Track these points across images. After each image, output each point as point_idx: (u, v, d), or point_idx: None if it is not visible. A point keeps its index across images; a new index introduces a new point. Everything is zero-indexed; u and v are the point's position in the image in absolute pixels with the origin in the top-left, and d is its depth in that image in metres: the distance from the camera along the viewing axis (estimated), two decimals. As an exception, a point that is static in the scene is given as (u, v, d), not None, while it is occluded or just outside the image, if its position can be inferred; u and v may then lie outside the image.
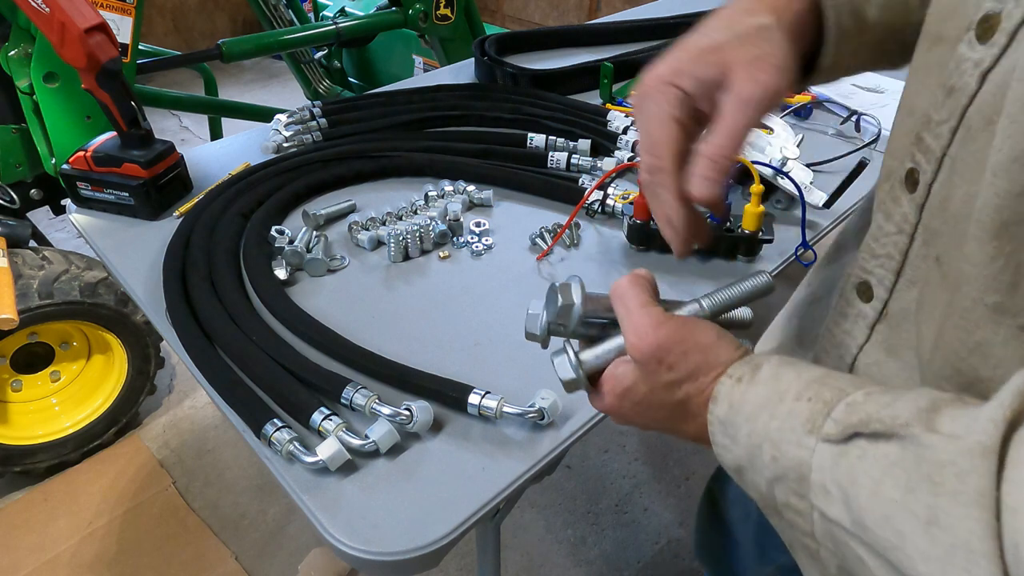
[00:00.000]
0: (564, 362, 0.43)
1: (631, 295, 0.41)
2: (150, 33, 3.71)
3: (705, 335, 0.39)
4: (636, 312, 0.40)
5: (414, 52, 2.61)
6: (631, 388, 0.41)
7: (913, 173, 0.38)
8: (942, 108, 0.35)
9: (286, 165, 0.96)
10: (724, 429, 0.37)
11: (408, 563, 0.52)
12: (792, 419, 0.34)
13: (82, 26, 0.80)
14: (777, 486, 0.34)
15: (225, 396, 0.63)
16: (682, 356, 0.39)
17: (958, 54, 0.34)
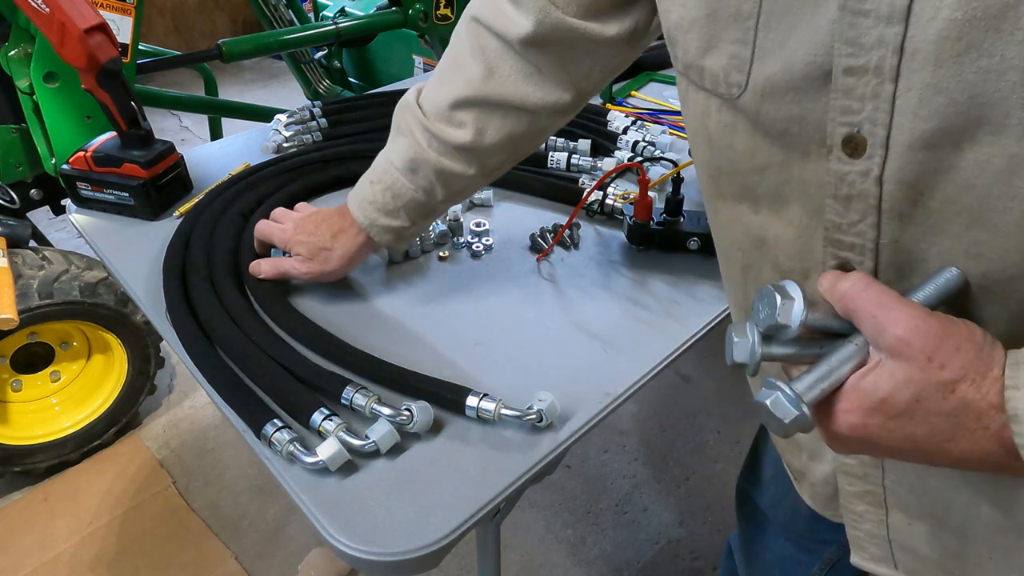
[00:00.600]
0: (781, 401, 0.35)
1: (879, 290, 0.36)
2: (150, 33, 3.71)
3: (974, 330, 0.34)
4: (895, 305, 0.34)
5: (414, 52, 2.61)
6: (887, 399, 0.34)
7: (846, 266, 0.41)
8: (848, 212, 0.38)
9: (286, 165, 0.96)
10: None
11: (408, 563, 0.52)
12: None
13: (82, 26, 0.80)
14: None
15: (225, 396, 0.63)
16: (955, 352, 0.33)
17: (834, 170, 0.38)
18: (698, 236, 0.80)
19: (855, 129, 0.36)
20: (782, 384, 0.36)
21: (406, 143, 0.68)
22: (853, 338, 0.36)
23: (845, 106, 0.36)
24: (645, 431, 1.75)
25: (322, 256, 0.72)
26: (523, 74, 0.62)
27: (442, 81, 0.66)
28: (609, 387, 0.65)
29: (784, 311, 0.36)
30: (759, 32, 0.39)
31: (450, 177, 0.67)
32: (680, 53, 0.45)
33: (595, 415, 0.63)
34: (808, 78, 0.37)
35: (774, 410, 0.35)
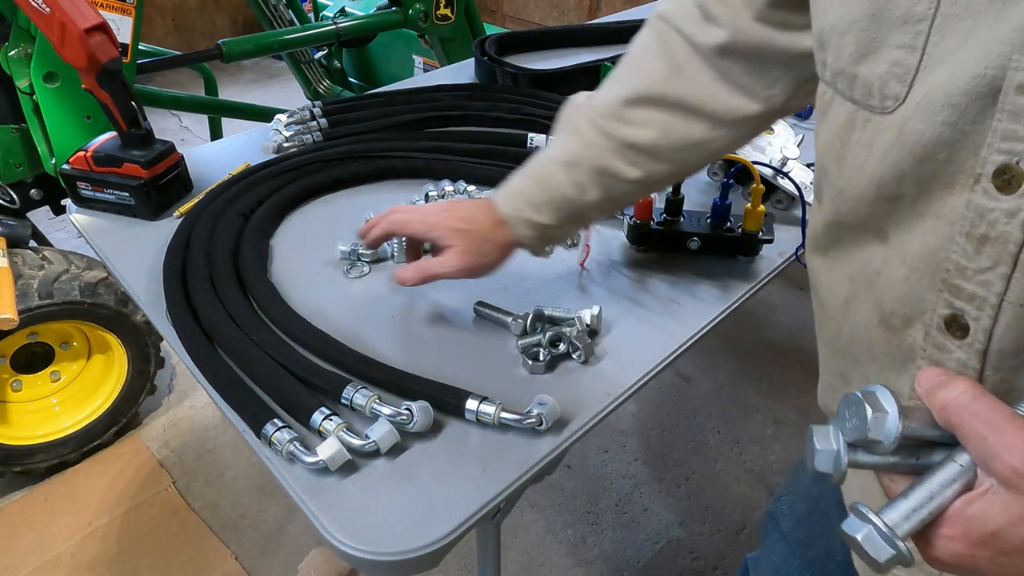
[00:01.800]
0: (874, 537, 0.31)
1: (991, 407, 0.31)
2: (150, 33, 3.71)
3: None
4: (1008, 428, 0.30)
5: (414, 52, 2.61)
6: (999, 533, 0.30)
7: (957, 319, 0.37)
8: (979, 256, 0.34)
9: (286, 165, 0.96)
10: None
11: (408, 563, 0.52)
12: None
13: (82, 26, 0.80)
14: None
15: (225, 396, 0.63)
16: None
17: (976, 204, 0.34)
18: (698, 236, 0.80)
19: (1014, 160, 0.32)
20: (874, 517, 0.32)
21: (570, 140, 0.63)
22: (956, 455, 0.32)
23: (1008, 131, 0.32)
24: (645, 431, 1.75)
25: (482, 248, 0.65)
26: (710, 77, 0.57)
27: (618, 81, 0.63)
28: (609, 387, 0.65)
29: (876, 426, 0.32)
30: (931, 37, 0.34)
31: (610, 178, 0.62)
32: (831, 58, 0.41)
33: (595, 415, 0.63)
34: (971, 94, 0.33)
35: (867, 547, 0.32)
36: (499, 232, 0.66)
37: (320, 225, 0.89)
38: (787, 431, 1.75)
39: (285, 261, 0.82)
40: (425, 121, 1.09)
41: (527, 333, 0.69)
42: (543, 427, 0.59)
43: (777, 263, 0.83)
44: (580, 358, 0.67)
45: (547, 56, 1.43)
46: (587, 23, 1.62)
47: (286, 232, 0.88)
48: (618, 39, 1.49)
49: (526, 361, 0.66)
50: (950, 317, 0.37)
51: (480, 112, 1.11)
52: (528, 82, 1.22)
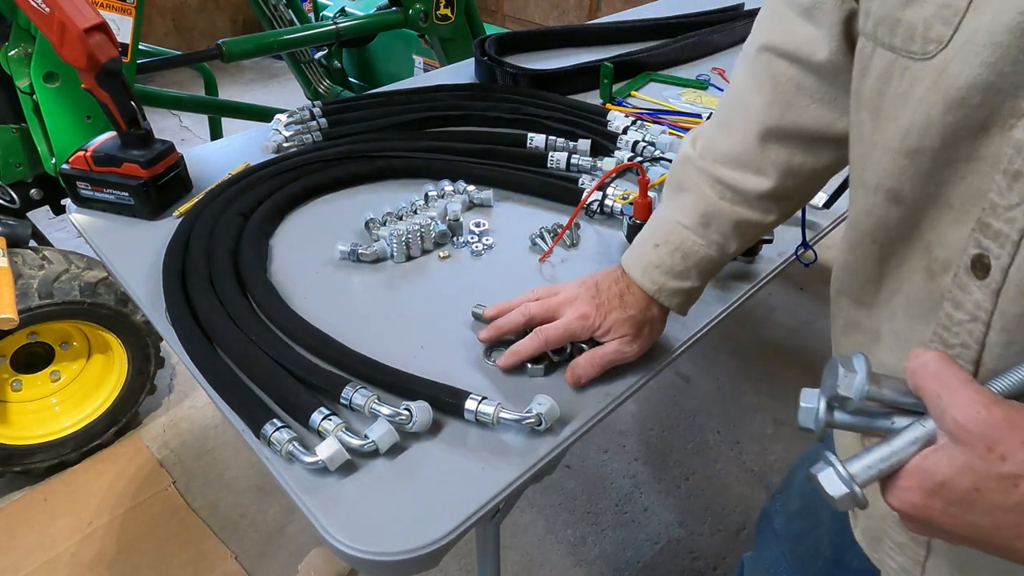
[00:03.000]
0: (832, 478, 0.36)
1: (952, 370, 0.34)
2: (150, 33, 3.71)
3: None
4: (960, 388, 0.33)
5: (414, 52, 2.61)
6: (946, 483, 0.33)
7: (982, 259, 0.37)
8: (1009, 192, 0.35)
9: (286, 165, 0.96)
10: None
11: (408, 563, 0.52)
12: None
13: (82, 26, 0.80)
14: None
15: (225, 396, 0.63)
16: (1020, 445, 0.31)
17: (1016, 140, 0.34)
18: None
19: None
20: (836, 462, 0.36)
21: (692, 199, 0.61)
22: (923, 420, 0.35)
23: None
24: (645, 431, 1.75)
25: (650, 330, 0.65)
26: (826, 100, 0.54)
27: (726, 127, 0.60)
28: (609, 387, 0.65)
29: (846, 384, 0.36)
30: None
31: (747, 227, 0.61)
32: (876, 5, 0.41)
33: (595, 415, 0.62)
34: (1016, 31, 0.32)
35: (825, 485, 0.36)
36: (652, 308, 0.64)
37: (320, 225, 0.89)
38: (787, 431, 1.75)
39: (285, 261, 0.82)
40: (425, 121, 1.09)
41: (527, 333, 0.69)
42: (542, 427, 0.59)
43: (777, 263, 0.83)
44: None
45: (547, 56, 1.43)
46: (587, 23, 1.62)
47: (286, 232, 0.88)
48: (618, 39, 1.49)
49: (526, 364, 0.66)
50: (976, 257, 0.37)
51: (480, 112, 1.11)
52: (528, 82, 1.22)
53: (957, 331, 0.40)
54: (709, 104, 1.22)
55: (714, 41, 1.45)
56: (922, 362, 0.35)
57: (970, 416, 0.32)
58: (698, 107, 1.20)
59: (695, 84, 1.29)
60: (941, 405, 0.34)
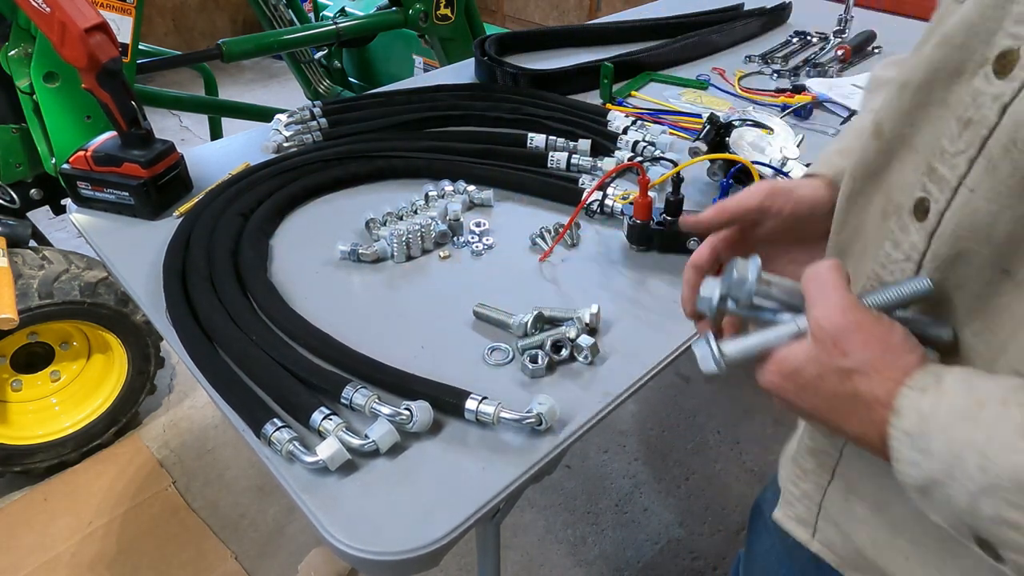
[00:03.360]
0: (705, 351, 0.42)
1: (831, 278, 0.39)
2: (150, 33, 3.71)
3: (890, 333, 0.37)
4: (832, 292, 0.38)
5: (414, 52, 2.61)
6: (799, 369, 0.39)
7: (923, 202, 0.39)
8: (958, 139, 0.36)
9: (286, 165, 0.96)
10: (913, 443, 0.34)
11: (408, 563, 0.52)
12: (1002, 426, 0.32)
13: (82, 26, 0.80)
14: (985, 499, 0.32)
15: (225, 396, 0.63)
16: (861, 345, 0.37)
17: (974, 88, 0.35)
18: (698, 236, 0.80)
19: (1017, 44, 0.33)
20: (713, 342, 0.42)
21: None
22: (800, 317, 0.41)
23: (1020, 13, 0.33)
24: (645, 431, 1.75)
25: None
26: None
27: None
28: (609, 387, 0.65)
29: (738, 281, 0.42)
30: None
31: None
32: None
33: (595, 415, 0.62)
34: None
35: (697, 355, 0.43)
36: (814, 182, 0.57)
37: (320, 225, 0.89)
38: (787, 431, 1.75)
39: (285, 261, 0.82)
40: (425, 121, 1.09)
41: (528, 335, 0.69)
42: (542, 427, 0.59)
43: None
44: (587, 359, 0.67)
45: (547, 56, 1.43)
46: (587, 23, 1.62)
47: (286, 232, 0.88)
48: (618, 39, 1.49)
49: (526, 363, 0.66)
50: (919, 200, 0.39)
51: (480, 112, 1.11)
52: (528, 82, 1.22)
53: (892, 269, 0.42)
54: (709, 104, 1.22)
55: (714, 41, 1.45)
56: (814, 269, 0.40)
57: (827, 317, 0.38)
58: (698, 107, 1.20)
59: (695, 84, 1.29)
60: (810, 304, 0.39)
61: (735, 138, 0.97)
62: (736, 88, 1.28)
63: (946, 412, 0.34)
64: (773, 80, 1.33)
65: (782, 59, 1.40)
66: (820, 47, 1.48)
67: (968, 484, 0.32)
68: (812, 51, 1.45)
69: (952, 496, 0.33)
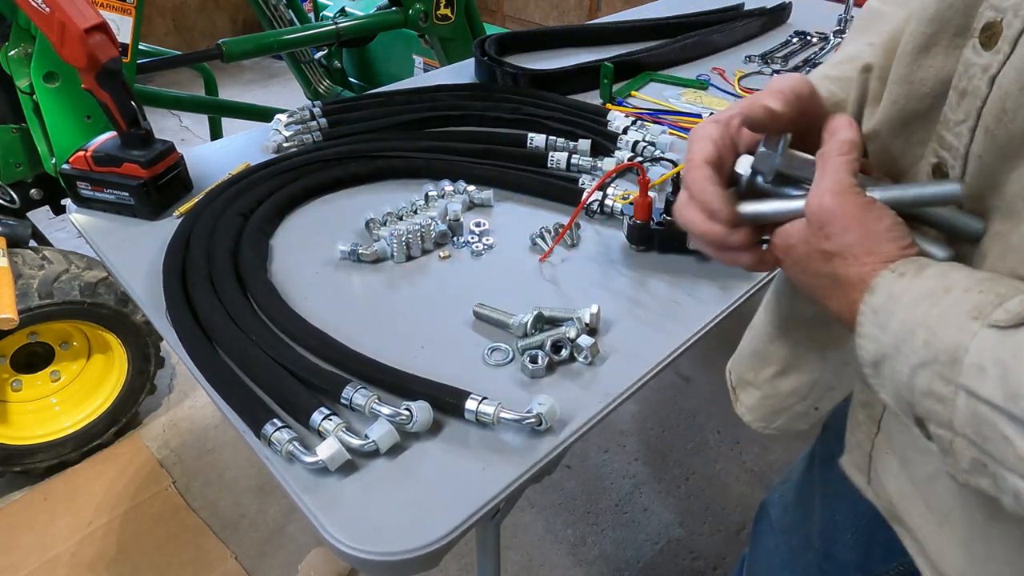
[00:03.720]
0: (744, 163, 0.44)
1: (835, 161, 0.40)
2: (150, 33, 3.71)
3: (876, 221, 0.38)
4: (831, 173, 0.39)
5: (414, 52, 2.61)
6: (793, 246, 0.42)
7: (940, 167, 0.40)
8: (958, 109, 0.37)
9: (286, 165, 0.96)
10: (875, 319, 0.36)
11: (408, 563, 0.52)
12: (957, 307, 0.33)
13: (82, 26, 0.80)
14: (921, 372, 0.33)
15: (225, 396, 0.63)
16: (841, 230, 0.38)
17: (965, 59, 0.36)
18: None
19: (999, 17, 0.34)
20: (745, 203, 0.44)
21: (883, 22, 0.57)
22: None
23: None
24: (645, 431, 1.75)
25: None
26: None
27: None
28: (609, 387, 0.65)
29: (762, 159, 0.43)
30: None
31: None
32: None
33: (595, 415, 0.62)
34: None
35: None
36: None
37: (320, 225, 0.89)
38: (787, 431, 1.75)
39: (285, 261, 0.82)
40: (425, 121, 1.09)
41: (528, 335, 0.69)
42: (542, 427, 0.59)
43: (777, 263, 0.83)
44: (587, 359, 0.67)
45: (547, 56, 1.43)
46: (587, 23, 1.62)
47: (286, 232, 0.88)
48: (618, 39, 1.49)
49: (526, 363, 0.66)
50: (936, 166, 0.41)
51: (480, 112, 1.11)
52: (528, 82, 1.22)
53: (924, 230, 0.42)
54: (709, 104, 1.22)
55: (714, 41, 1.45)
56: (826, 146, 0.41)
57: (821, 201, 0.39)
58: (698, 107, 1.20)
59: (695, 84, 1.29)
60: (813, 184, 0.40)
61: (735, 138, 0.96)
62: (736, 88, 1.28)
63: (914, 293, 0.35)
64: (773, 80, 1.32)
65: (782, 59, 1.40)
66: (820, 47, 1.48)
67: (911, 357, 0.34)
68: (812, 51, 1.45)
69: (896, 370, 0.35)
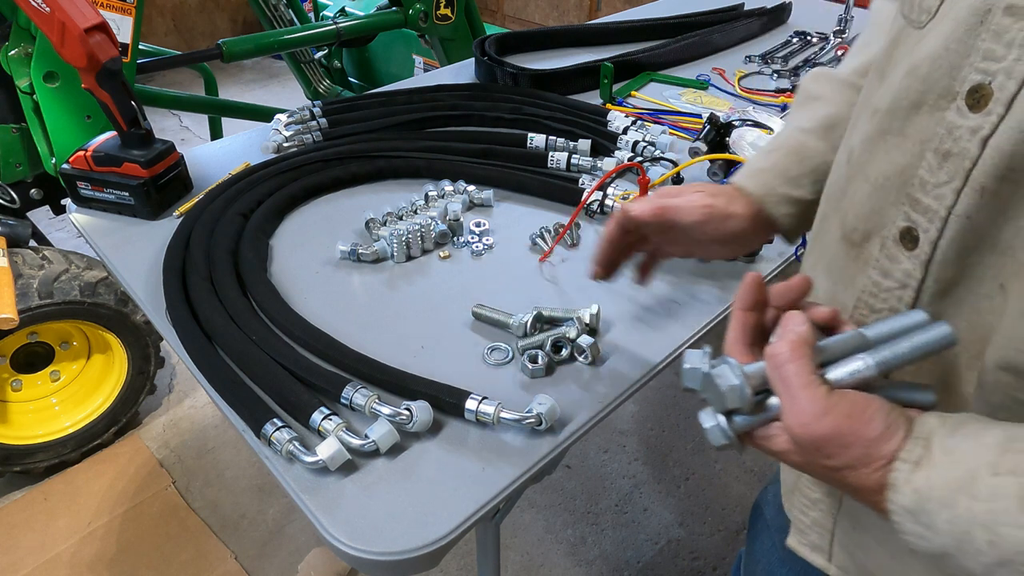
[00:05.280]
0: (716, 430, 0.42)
1: (792, 371, 0.38)
2: (150, 33, 3.71)
3: (869, 427, 0.36)
4: (798, 395, 0.38)
5: (414, 52, 2.61)
6: (786, 453, 0.40)
7: (911, 232, 0.40)
8: (939, 171, 0.37)
9: (286, 165, 0.96)
10: (915, 518, 0.35)
11: (408, 563, 0.52)
12: (1000, 499, 0.32)
13: (82, 25, 0.80)
14: (1000, 570, 0.33)
15: (225, 396, 0.63)
16: (842, 449, 0.37)
17: (948, 121, 0.36)
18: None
19: (988, 79, 0.34)
20: (721, 418, 0.42)
21: (817, 106, 0.60)
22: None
23: (988, 50, 0.34)
24: (645, 431, 1.75)
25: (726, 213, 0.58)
26: None
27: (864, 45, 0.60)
28: (609, 387, 0.65)
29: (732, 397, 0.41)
30: None
31: None
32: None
33: (595, 415, 0.62)
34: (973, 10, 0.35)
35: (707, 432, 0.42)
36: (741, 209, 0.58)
37: (320, 225, 0.89)
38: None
39: (285, 261, 0.82)
40: (425, 121, 1.09)
41: (528, 335, 0.69)
42: (542, 427, 0.59)
43: (777, 263, 0.83)
44: (587, 359, 0.67)
45: (547, 56, 1.43)
46: (587, 23, 1.62)
47: (286, 232, 0.88)
48: (618, 39, 1.49)
49: (526, 363, 0.66)
50: (905, 230, 0.40)
51: (480, 112, 1.11)
52: (528, 82, 1.22)
53: (885, 297, 0.43)
54: (709, 104, 1.22)
55: (714, 41, 1.45)
56: (773, 354, 0.39)
57: (801, 425, 0.37)
58: (698, 107, 1.20)
59: (695, 84, 1.29)
60: (783, 405, 0.39)
61: (735, 138, 0.97)
62: (736, 88, 1.28)
63: (941, 487, 0.34)
64: (773, 80, 1.33)
65: (782, 59, 1.40)
66: (820, 47, 1.48)
67: (981, 558, 0.33)
68: (812, 51, 1.45)
69: (967, 566, 0.34)
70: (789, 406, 0.38)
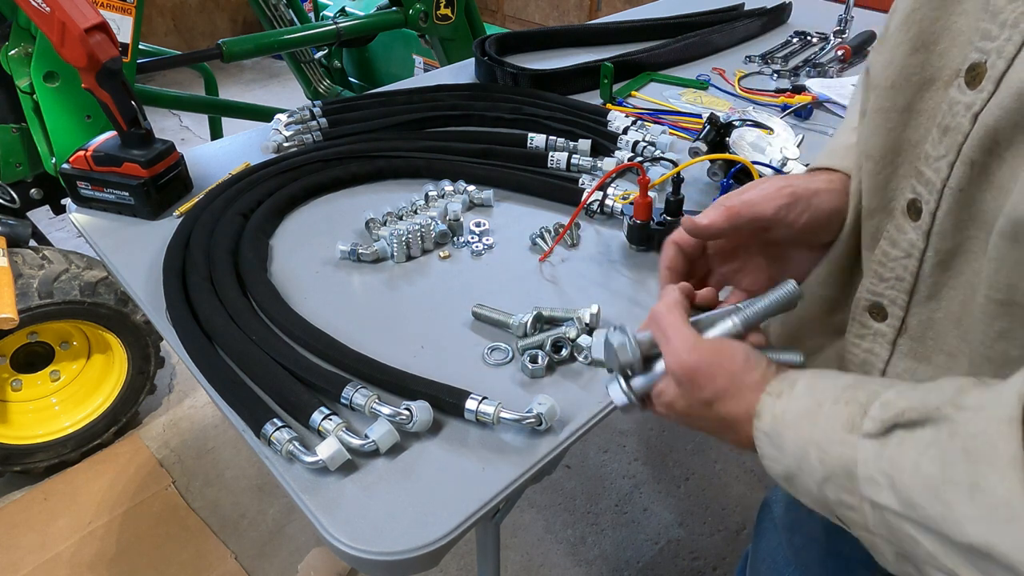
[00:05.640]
0: (617, 390, 0.48)
1: (667, 321, 0.45)
2: (150, 33, 3.71)
3: (733, 360, 0.43)
4: (672, 337, 0.44)
5: (414, 52, 2.61)
6: (673, 402, 0.45)
7: (915, 203, 0.42)
8: (939, 145, 0.39)
9: (286, 165, 0.96)
10: (770, 441, 0.41)
11: (408, 563, 0.52)
12: (832, 422, 0.37)
13: (82, 25, 0.80)
14: (827, 486, 0.37)
15: (225, 396, 0.63)
16: (710, 379, 0.42)
17: (950, 97, 0.38)
18: None
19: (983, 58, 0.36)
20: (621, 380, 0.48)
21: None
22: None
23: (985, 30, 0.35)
24: (645, 431, 1.75)
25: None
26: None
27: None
28: (609, 387, 0.65)
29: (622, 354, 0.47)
30: None
31: None
32: None
33: (595, 415, 0.62)
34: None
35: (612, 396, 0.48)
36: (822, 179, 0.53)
37: (320, 225, 0.89)
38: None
39: (285, 261, 0.82)
40: (425, 121, 1.09)
41: (527, 335, 0.69)
42: (542, 427, 0.59)
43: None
44: (587, 359, 0.67)
45: (547, 56, 1.43)
46: (587, 23, 1.62)
47: (286, 232, 0.88)
48: (618, 39, 1.49)
49: (526, 363, 0.66)
50: (911, 202, 0.42)
51: (480, 112, 1.11)
52: (528, 82, 1.22)
53: (892, 266, 0.45)
54: (709, 104, 1.22)
55: (714, 41, 1.45)
56: (654, 311, 0.46)
57: (680, 360, 0.43)
58: (698, 107, 1.20)
59: (695, 84, 1.29)
60: (662, 350, 0.45)
61: (735, 138, 0.97)
62: (736, 88, 1.28)
63: (793, 412, 0.39)
64: (773, 80, 1.33)
65: (782, 59, 1.40)
66: (820, 47, 1.48)
67: (814, 474, 0.37)
68: (812, 51, 1.45)
69: (806, 484, 0.38)
70: (666, 349, 0.44)
